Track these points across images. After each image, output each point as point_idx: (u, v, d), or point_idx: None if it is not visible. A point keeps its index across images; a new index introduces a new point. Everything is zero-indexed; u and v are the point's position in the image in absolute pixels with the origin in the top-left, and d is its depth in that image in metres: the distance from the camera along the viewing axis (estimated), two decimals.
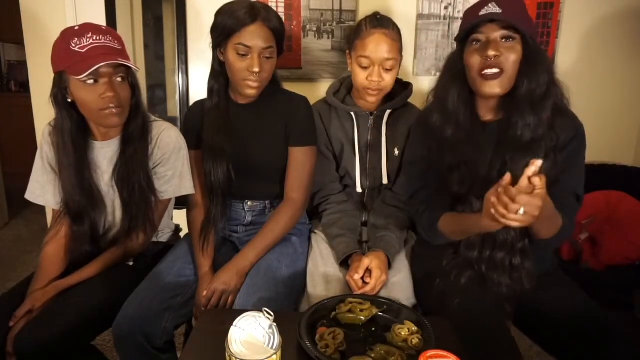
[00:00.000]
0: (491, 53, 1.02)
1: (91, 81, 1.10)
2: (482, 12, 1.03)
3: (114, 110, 1.13)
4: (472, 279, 1.10)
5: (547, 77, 1.04)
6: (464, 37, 1.08)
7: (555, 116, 1.05)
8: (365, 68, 1.31)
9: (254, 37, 1.19)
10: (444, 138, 1.12)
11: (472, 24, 1.05)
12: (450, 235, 1.13)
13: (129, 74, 1.16)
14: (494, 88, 1.05)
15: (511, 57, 1.03)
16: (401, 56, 1.36)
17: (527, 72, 1.04)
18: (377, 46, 1.29)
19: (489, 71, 1.04)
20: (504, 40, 1.04)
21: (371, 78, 1.31)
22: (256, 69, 1.19)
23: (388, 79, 1.32)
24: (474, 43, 1.07)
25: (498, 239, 1.08)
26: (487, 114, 1.14)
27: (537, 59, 1.04)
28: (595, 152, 2.09)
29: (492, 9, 1.02)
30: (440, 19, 2.00)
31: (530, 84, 1.04)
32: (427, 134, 1.17)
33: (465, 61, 1.09)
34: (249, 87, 1.23)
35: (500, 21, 1.02)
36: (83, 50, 1.08)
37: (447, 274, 1.12)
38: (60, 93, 1.14)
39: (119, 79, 1.13)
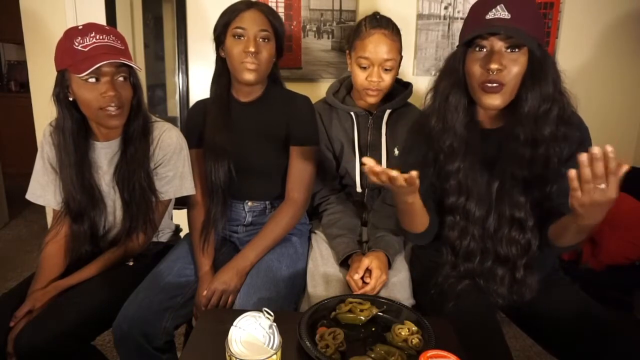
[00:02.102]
0: (494, 67, 0.96)
1: (93, 80, 1.10)
2: (489, 16, 0.97)
3: (113, 112, 1.13)
4: (468, 285, 1.09)
5: (552, 88, 0.99)
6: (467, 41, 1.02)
7: (560, 126, 1.00)
8: (364, 68, 1.31)
9: (249, 20, 1.22)
10: (441, 146, 1.09)
11: (476, 31, 0.98)
12: (409, 226, 1.14)
13: (131, 74, 1.16)
14: (494, 100, 1.01)
15: (514, 70, 0.98)
16: (401, 56, 1.36)
17: (531, 85, 0.99)
18: (376, 47, 1.29)
19: (489, 85, 0.99)
20: (509, 50, 0.98)
21: (370, 78, 1.31)
22: (252, 49, 1.20)
23: (387, 79, 1.32)
24: (477, 49, 1.01)
25: (500, 253, 1.06)
26: (487, 122, 1.11)
27: (542, 70, 0.98)
28: None
29: (500, 12, 0.96)
30: (440, 19, 2.00)
31: (534, 99, 0.98)
32: (423, 142, 1.14)
33: (467, 67, 1.03)
34: (247, 69, 1.23)
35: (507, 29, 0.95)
36: (86, 49, 1.08)
37: (444, 280, 1.11)
38: (62, 92, 1.14)
39: (121, 79, 1.13)
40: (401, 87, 1.45)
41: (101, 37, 1.11)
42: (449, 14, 2.00)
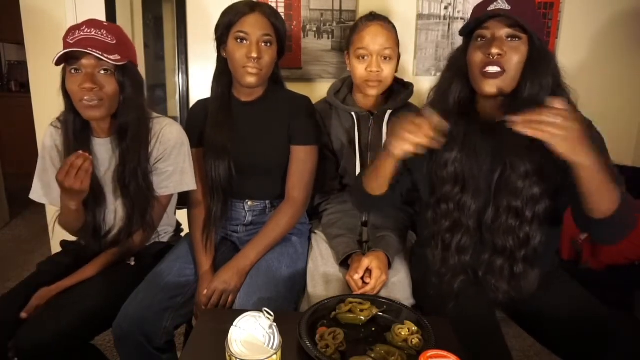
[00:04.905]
0: (494, 51, 0.98)
1: (75, 71, 1.12)
2: (491, 8, 1.00)
3: (88, 103, 1.13)
4: (465, 283, 1.09)
5: (551, 80, 1.00)
6: (469, 32, 1.05)
7: None
8: (363, 59, 1.32)
9: (252, 24, 1.23)
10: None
11: (478, 19, 1.01)
12: (367, 181, 1.15)
13: (117, 69, 1.15)
14: (493, 87, 1.02)
15: (515, 58, 1.00)
16: (399, 53, 1.37)
17: (530, 74, 1.00)
18: (374, 37, 1.31)
19: (490, 68, 1.00)
20: (509, 39, 1.00)
21: (370, 68, 1.31)
22: (254, 54, 1.21)
23: (387, 70, 1.33)
24: (479, 39, 1.03)
25: (497, 244, 1.06)
26: (488, 115, 1.10)
27: (542, 61, 1.00)
28: None
29: (501, 4, 0.99)
30: (440, 19, 2.00)
31: (533, 88, 0.99)
32: None
33: (468, 58, 1.05)
34: (249, 74, 1.24)
35: (507, 18, 0.98)
36: (72, 42, 1.11)
37: (440, 279, 1.11)
38: (62, 85, 1.16)
39: (103, 72, 1.14)
40: (402, 88, 1.45)
41: (89, 31, 1.12)
42: (449, 14, 2.00)
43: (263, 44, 1.24)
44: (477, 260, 1.09)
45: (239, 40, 1.23)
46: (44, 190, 1.27)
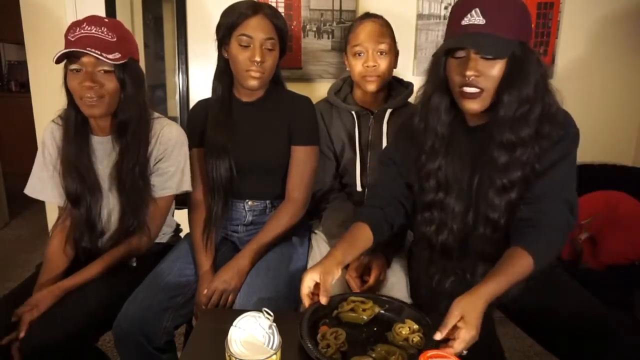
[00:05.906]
0: (469, 73, 0.96)
1: (76, 69, 1.12)
2: (464, 22, 0.95)
3: (89, 101, 1.13)
4: (456, 283, 1.09)
5: (532, 89, 0.97)
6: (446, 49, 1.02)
7: (544, 124, 0.99)
8: (360, 55, 1.34)
9: (255, 27, 1.23)
10: (422, 146, 1.09)
11: (450, 43, 0.98)
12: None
13: (118, 67, 1.15)
14: (474, 105, 1.00)
15: (491, 75, 0.97)
16: (397, 49, 1.39)
17: (508, 89, 0.97)
18: (368, 33, 1.33)
19: (467, 89, 0.98)
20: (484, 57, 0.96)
21: (367, 63, 1.33)
22: (258, 58, 1.22)
23: (384, 64, 1.34)
24: (456, 55, 1.00)
25: (478, 250, 1.06)
26: (471, 119, 1.09)
27: (522, 71, 0.97)
28: (595, 152, 2.09)
29: (475, 18, 0.93)
30: (440, 19, 2.00)
31: (511, 103, 0.97)
32: (408, 140, 1.14)
33: (447, 73, 1.04)
34: (252, 77, 1.25)
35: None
36: (73, 40, 1.11)
37: (430, 278, 1.11)
38: (64, 82, 1.17)
39: (103, 71, 1.14)
40: (402, 87, 1.45)
41: (89, 28, 1.12)
42: (449, 14, 2.00)
43: (266, 48, 1.24)
44: (463, 262, 1.09)
45: (242, 45, 1.23)
46: (40, 186, 1.27)
